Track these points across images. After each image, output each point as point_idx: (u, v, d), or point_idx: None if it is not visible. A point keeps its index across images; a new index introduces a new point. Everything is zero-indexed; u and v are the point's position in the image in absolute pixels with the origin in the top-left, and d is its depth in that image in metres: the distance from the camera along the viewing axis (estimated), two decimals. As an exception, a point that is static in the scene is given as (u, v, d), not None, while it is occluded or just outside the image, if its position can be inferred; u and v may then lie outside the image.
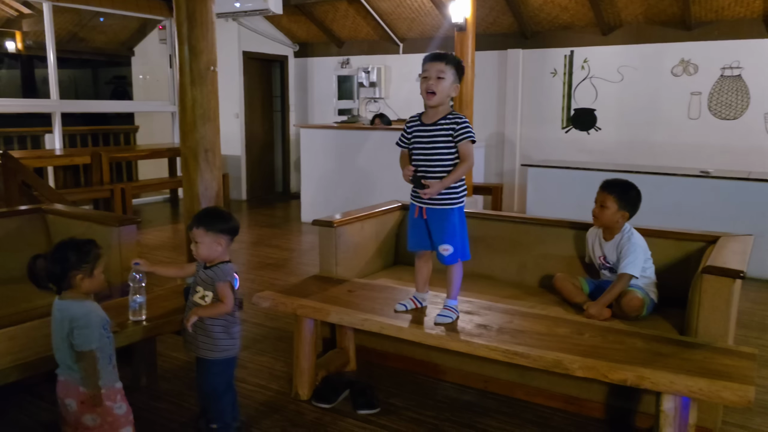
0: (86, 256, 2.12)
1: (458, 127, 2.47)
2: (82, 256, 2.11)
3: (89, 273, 2.12)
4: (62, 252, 2.11)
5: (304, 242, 6.32)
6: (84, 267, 2.11)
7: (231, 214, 2.51)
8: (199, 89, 3.38)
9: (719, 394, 2.00)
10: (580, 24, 7.01)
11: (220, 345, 2.37)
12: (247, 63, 8.62)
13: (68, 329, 2.05)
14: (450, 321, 2.57)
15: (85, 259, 2.11)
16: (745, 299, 4.22)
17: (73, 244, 2.14)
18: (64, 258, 2.10)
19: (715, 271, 2.41)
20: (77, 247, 2.13)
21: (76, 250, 2.12)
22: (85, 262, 2.11)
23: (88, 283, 2.12)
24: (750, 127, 6.30)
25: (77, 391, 2.10)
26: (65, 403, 2.13)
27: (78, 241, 2.16)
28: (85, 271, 2.11)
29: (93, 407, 2.10)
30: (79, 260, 2.11)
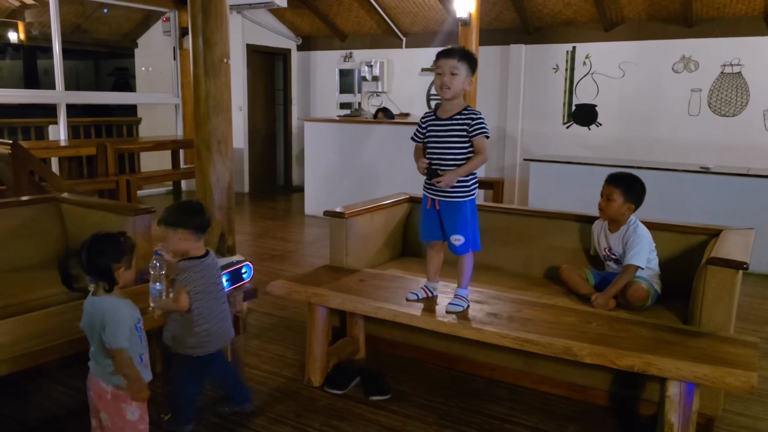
0: (124, 246, 2.10)
1: (473, 122, 2.54)
2: (121, 247, 2.09)
3: (129, 264, 2.10)
4: (103, 245, 2.07)
5: (308, 234, 6.39)
6: (124, 259, 2.08)
7: (199, 208, 2.48)
8: (212, 81, 3.44)
9: (723, 379, 2.08)
10: (582, 20, 7.07)
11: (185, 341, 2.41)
12: (251, 56, 8.65)
13: (99, 326, 2.04)
14: (461, 310, 2.65)
15: (123, 250, 2.09)
16: (743, 293, 4.28)
17: (109, 236, 2.11)
18: (105, 251, 2.06)
19: (720, 262, 2.49)
20: (115, 240, 2.10)
21: (114, 243, 2.09)
22: (124, 254, 2.09)
23: (128, 275, 2.11)
24: (749, 124, 6.38)
25: (97, 385, 2.11)
26: (89, 395, 2.15)
27: (112, 234, 2.13)
28: (125, 262, 2.09)
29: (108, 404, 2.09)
30: (120, 252, 2.08)
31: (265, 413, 2.70)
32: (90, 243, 2.08)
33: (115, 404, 2.10)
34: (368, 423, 2.64)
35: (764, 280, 4.79)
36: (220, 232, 3.68)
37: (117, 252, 2.07)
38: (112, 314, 2.03)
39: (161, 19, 8.71)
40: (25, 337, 2.33)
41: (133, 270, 2.14)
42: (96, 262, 2.04)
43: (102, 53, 11.11)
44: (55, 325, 2.47)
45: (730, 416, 2.72)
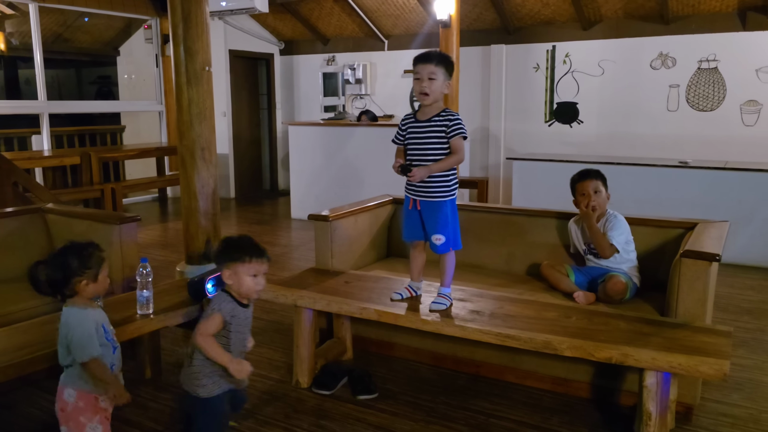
0: (88, 260, 2.03)
1: (451, 123, 2.60)
2: (84, 260, 2.02)
3: (93, 278, 2.04)
4: (63, 258, 2.02)
5: (295, 238, 6.42)
6: (87, 272, 2.02)
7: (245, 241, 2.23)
8: (194, 89, 3.47)
9: (697, 368, 2.14)
10: (561, 19, 7.16)
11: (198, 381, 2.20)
12: (234, 61, 8.67)
13: (65, 337, 2.01)
14: (444, 308, 2.70)
15: (87, 263, 2.02)
16: (722, 284, 4.39)
17: (73, 248, 2.05)
18: (65, 264, 2.01)
19: (693, 254, 2.56)
20: (78, 252, 2.03)
21: (77, 255, 2.02)
22: (87, 267, 2.02)
23: (92, 288, 2.05)
24: (726, 118, 6.50)
25: (60, 396, 2.07)
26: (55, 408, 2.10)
27: (79, 245, 2.07)
28: (88, 276, 2.03)
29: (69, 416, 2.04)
30: (81, 265, 2.01)
31: (254, 415, 2.74)
32: (53, 255, 2.07)
33: (75, 417, 2.04)
34: (356, 422, 2.69)
35: (744, 271, 4.89)
36: (206, 238, 3.72)
37: (79, 265, 2.01)
38: (75, 327, 1.99)
39: (143, 26, 8.71)
40: (13, 347, 2.34)
41: (101, 282, 2.08)
42: (53, 275, 2.02)
43: (84, 62, 11.07)
44: (42, 335, 2.48)
45: (709, 404, 2.80)
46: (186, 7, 3.41)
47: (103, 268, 2.10)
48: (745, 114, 6.42)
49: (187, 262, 3.79)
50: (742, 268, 4.95)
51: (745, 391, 2.92)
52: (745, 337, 3.58)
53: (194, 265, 3.71)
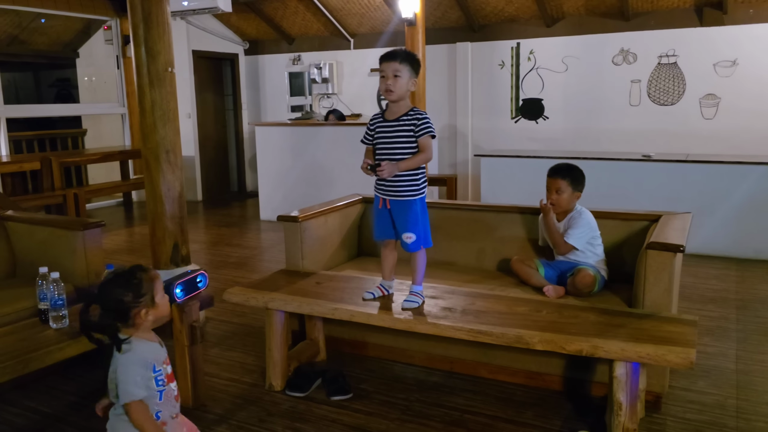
0: (140, 286, 1.88)
1: (419, 122, 2.60)
2: (136, 288, 1.88)
3: (151, 302, 1.90)
4: (113, 293, 1.86)
5: (265, 240, 6.36)
6: (143, 300, 1.88)
7: None
8: (157, 91, 3.41)
9: (665, 357, 2.19)
10: (524, 17, 7.24)
11: None
12: (197, 62, 8.55)
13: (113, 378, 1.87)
14: (416, 306, 2.71)
15: (140, 290, 1.88)
16: (687, 274, 4.51)
17: (120, 279, 1.89)
18: (119, 301, 1.85)
19: (658, 246, 2.61)
20: (126, 282, 1.88)
21: (127, 286, 1.87)
22: (142, 294, 1.88)
23: (153, 315, 1.91)
24: (686, 112, 6.65)
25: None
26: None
27: (124, 274, 1.91)
28: (145, 303, 1.89)
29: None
30: (135, 295, 1.87)
31: (227, 420, 2.70)
32: (101, 294, 1.89)
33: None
34: (331, 423, 2.67)
35: (707, 261, 5.01)
36: (173, 243, 3.66)
37: (133, 295, 1.87)
38: (122, 363, 1.85)
39: (102, 27, 8.52)
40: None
41: (161, 305, 1.93)
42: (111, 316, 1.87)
43: (42, 64, 10.78)
44: (6, 346, 2.42)
45: (677, 392, 2.86)
46: (146, 7, 3.34)
47: (158, 288, 1.94)
48: (704, 107, 6.58)
49: (154, 267, 3.72)
50: (706, 258, 5.07)
51: (711, 378, 2.99)
52: (709, 325, 3.66)
53: (162, 269, 3.64)
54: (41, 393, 2.96)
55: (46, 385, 3.02)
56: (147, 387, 1.85)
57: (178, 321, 2.72)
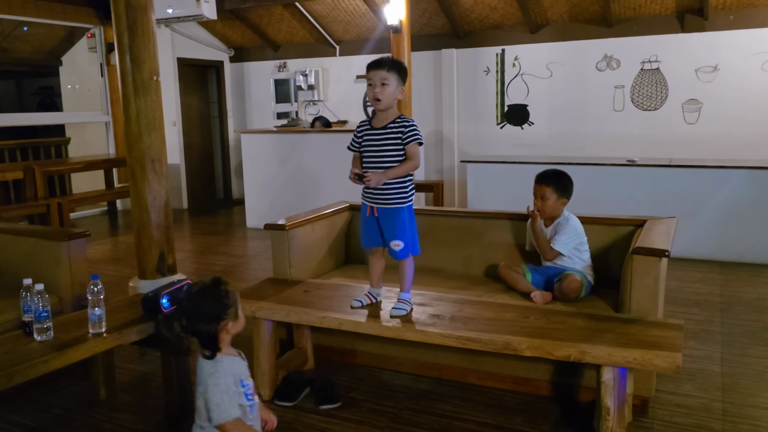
0: (225, 298, 1.84)
1: (406, 130, 2.61)
2: (222, 300, 1.83)
3: (235, 316, 1.87)
4: (202, 305, 1.82)
5: (251, 248, 6.33)
6: (229, 313, 1.84)
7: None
8: (143, 99, 3.40)
9: (651, 362, 2.20)
10: (509, 23, 7.29)
11: None
12: (182, 69, 8.51)
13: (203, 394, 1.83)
14: (405, 313, 2.71)
15: (226, 303, 1.84)
16: (671, 278, 4.54)
17: (205, 292, 1.84)
18: (208, 314, 1.81)
19: (643, 251, 2.63)
20: (212, 294, 1.83)
21: (213, 298, 1.83)
22: (228, 307, 1.84)
23: (235, 328, 1.88)
24: (669, 117, 6.73)
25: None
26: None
27: (208, 286, 1.86)
28: (230, 316, 1.85)
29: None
30: (222, 307, 1.83)
31: (215, 432, 2.68)
32: (187, 307, 1.85)
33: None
34: (320, 432, 2.66)
35: (691, 264, 5.06)
36: (159, 252, 3.63)
37: (220, 308, 1.83)
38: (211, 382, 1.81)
39: (86, 35, 8.46)
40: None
41: (241, 319, 1.90)
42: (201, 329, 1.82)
43: (24, 72, 10.67)
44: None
45: (664, 396, 2.88)
46: (131, 15, 3.33)
47: (239, 302, 1.92)
48: (687, 112, 6.66)
49: (140, 277, 3.69)
50: (690, 262, 5.12)
51: (697, 382, 3.01)
52: (695, 328, 3.70)
53: (148, 279, 3.62)
54: (25, 406, 2.92)
55: (30, 398, 2.98)
56: (239, 404, 1.82)
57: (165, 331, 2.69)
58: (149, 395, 3.01)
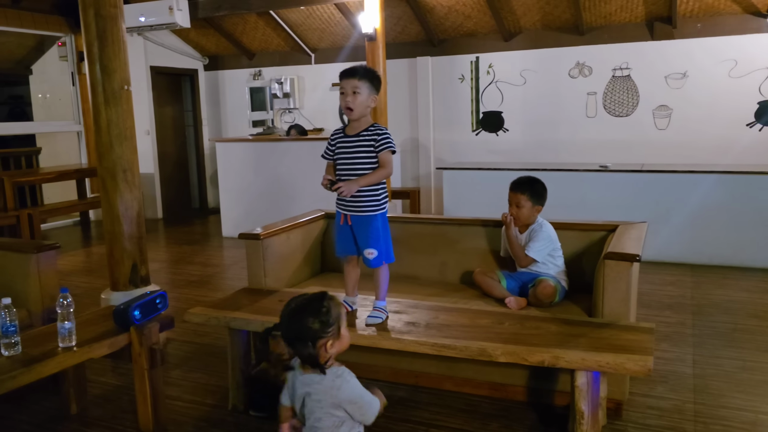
0: (327, 316, 1.76)
1: (379, 138, 2.61)
2: (324, 317, 1.75)
3: (338, 333, 1.78)
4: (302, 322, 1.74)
5: (227, 257, 6.28)
6: (330, 330, 1.75)
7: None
8: (113, 109, 3.36)
9: (624, 365, 2.23)
10: (483, 31, 7.36)
11: None
12: (156, 78, 8.44)
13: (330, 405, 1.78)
14: (380, 321, 2.70)
15: (328, 320, 1.76)
16: (644, 281, 4.61)
17: (310, 307, 1.77)
18: (308, 330, 1.73)
19: (615, 256, 2.67)
20: (315, 310, 1.76)
21: (315, 314, 1.75)
22: (329, 325, 1.75)
23: (336, 347, 1.79)
24: (641, 122, 6.84)
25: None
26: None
27: (310, 301, 1.79)
28: (332, 333, 1.76)
29: None
30: (324, 325, 1.74)
31: (189, 445, 2.65)
32: (289, 322, 1.78)
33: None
34: (296, 443, 2.64)
35: (663, 268, 5.14)
36: (132, 263, 3.59)
37: (321, 326, 1.75)
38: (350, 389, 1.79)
39: (56, 44, 8.34)
40: None
41: (344, 337, 1.81)
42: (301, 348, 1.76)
43: (-7, 81, 10.47)
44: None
45: (637, 398, 2.91)
46: (101, 24, 3.29)
47: (344, 317, 1.83)
48: (658, 118, 6.78)
49: (112, 289, 3.64)
50: (662, 265, 5.20)
51: (670, 384, 3.06)
52: (667, 331, 3.75)
53: (120, 291, 3.56)
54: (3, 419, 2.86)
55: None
56: None
57: (136, 344, 2.66)
58: (122, 409, 2.96)
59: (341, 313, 1.82)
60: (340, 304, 1.83)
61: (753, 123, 6.41)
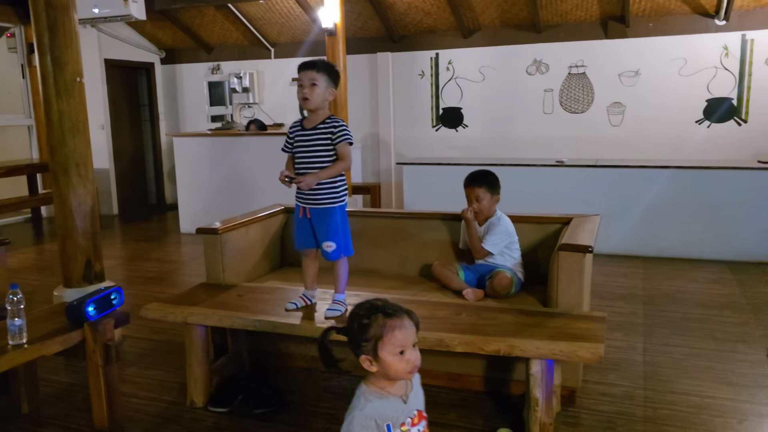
0: (365, 330, 1.56)
1: (336, 130, 2.63)
2: (360, 330, 1.56)
3: (372, 354, 1.55)
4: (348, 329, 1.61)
5: (185, 253, 6.19)
6: (363, 346, 1.56)
7: None
8: (65, 101, 3.28)
9: (576, 353, 2.30)
10: (442, 28, 7.42)
11: None
12: (110, 71, 8.24)
13: None
14: (339, 314, 2.71)
15: (364, 332, 1.56)
16: (599, 273, 4.74)
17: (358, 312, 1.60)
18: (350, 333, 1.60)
19: (568, 247, 2.74)
20: (355, 316, 1.60)
21: (355, 322, 1.58)
22: (363, 339, 1.56)
23: (378, 370, 1.57)
24: (596, 119, 7.01)
25: None
26: None
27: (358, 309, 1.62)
28: (365, 351, 1.56)
29: None
30: (357, 337, 1.56)
31: (146, 442, 2.62)
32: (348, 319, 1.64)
33: None
34: (256, 437, 2.64)
35: (617, 260, 5.28)
36: (86, 259, 3.51)
37: (355, 337, 1.58)
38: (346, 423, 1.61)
39: (5, 35, 8.06)
40: None
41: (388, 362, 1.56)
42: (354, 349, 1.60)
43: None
44: None
45: (590, 386, 3.00)
46: (51, 15, 3.21)
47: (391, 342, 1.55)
48: (612, 115, 6.95)
49: (65, 286, 3.56)
50: (616, 258, 5.35)
51: (621, 371, 3.15)
52: (620, 321, 3.87)
53: (74, 288, 3.49)
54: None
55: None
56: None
57: (90, 340, 2.61)
58: (75, 407, 2.90)
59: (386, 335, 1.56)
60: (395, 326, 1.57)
61: (702, 120, 6.63)
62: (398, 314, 1.60)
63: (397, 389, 1.65)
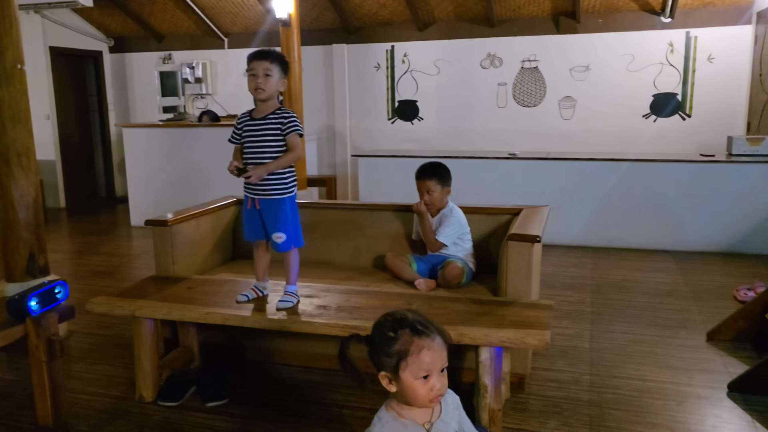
0: (389, 344, 1.42)
1: (286, 121, 2.61)
2: (383, 343, 1.43)
3: (393, 373, 1.42)
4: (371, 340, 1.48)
5: (136, 246, 6.06)
6: (384, 362, 1.42)
7: None
8: (5, 89, 3.17)
9: (523, 340, 2.35)
10: (398, 20, 7.43)
11: None
12: (55, 59, 7.96)
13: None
14: (291, 305, 2.71)
15: (386, 347, 1.42)
16: (549, 263, 4.85)
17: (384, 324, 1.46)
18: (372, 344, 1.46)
19: (517, 237, 2.79)
20: (380, 326, 1.46)
21: (379, 333, 1.45)
22: (384, 354, 1.42)
23: (397, 391, 1.45)
24: (548, 113, 7.15)
25: None
26: None
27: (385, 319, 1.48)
28: (385, 368, 1.43)
29: None
30: (379, 349, 1.43)
31: (93, 438, 2.56)
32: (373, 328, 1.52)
33: None
34: (207, 430, 2.61)
35: (567, 251, 5.41)
36: (29, 252, 3.41)
37: (376, 350, 1.45)
38: None
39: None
40: None
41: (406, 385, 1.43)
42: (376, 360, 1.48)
43: None
44: None
45: (539, 372, 3.07)
46: (-11, -2, 3.09)
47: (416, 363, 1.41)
48: (563, 109, 7.10)
49: (7, 280, 3.43)
50: (565, 248, 5.47)
51: (569, 358, 3.24)
52: (568, 309, 3.97)
53: (16, 282, 3.37)
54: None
55: None
56: None
57: (33, 336, 2.54)
58: (18, 404, 2.82)
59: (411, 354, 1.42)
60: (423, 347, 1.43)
61: (648, 114, 6.84)
62: (428, 332, 1.45)
63: (420, 415, 1.50)
